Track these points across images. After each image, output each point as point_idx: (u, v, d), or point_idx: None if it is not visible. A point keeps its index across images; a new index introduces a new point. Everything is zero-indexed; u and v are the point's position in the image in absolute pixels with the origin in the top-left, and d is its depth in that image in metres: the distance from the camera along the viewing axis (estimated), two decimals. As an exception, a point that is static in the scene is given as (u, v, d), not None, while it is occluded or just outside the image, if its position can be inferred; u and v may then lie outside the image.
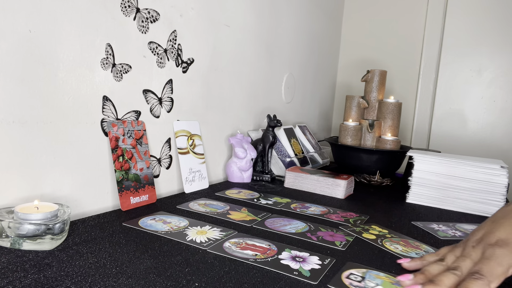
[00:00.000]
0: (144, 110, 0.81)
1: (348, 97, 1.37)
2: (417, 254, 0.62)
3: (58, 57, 0.63)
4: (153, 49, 0.81)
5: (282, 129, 1.26)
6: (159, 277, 0.48)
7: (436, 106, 1.69)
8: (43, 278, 0.45)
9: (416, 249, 0.64)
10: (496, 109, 1.59)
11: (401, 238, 0.70)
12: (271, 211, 0.80)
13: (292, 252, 0.58)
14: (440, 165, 0.95)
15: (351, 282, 0.50)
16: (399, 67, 1.73)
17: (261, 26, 1.19)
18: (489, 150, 1.60)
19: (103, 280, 0.46)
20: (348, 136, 1.31)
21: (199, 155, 0.95)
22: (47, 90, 0.62)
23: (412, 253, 0.63)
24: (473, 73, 1.61)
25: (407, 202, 0.98)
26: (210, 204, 0.81)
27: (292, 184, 1.04)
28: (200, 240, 0.60)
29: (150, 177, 0.80)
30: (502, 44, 1.55)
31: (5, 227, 0.52)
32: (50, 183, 0.64)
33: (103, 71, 0.71)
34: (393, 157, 1.26)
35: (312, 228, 0.71)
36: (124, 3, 0.73)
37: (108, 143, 0.73)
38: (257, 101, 1.23)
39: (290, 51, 1.39)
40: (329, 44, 1.76)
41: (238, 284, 0.48)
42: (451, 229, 0.78)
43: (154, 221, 0.68)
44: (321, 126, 1.79)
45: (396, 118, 1.30)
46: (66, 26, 0.63)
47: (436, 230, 0.76)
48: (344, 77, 1.89)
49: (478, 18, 1.58)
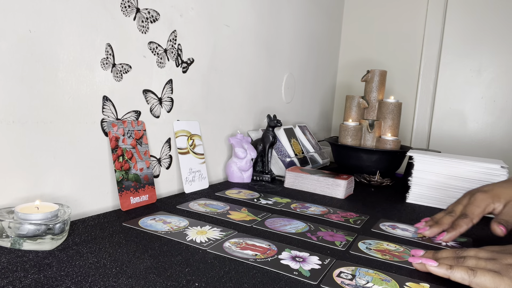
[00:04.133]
0: (144, 110, 0.81)
1: (348, 97, 1.37)
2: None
3: (58, 57, 0.63)
4: (153, 49, 0.81)
5: (282, 129, 1.26)
6: (159, 277, 0.48)
7: (436, 106, 1.69)
8: (43, 278, 0.45)
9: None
10: (496, 109, 1.59)
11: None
12: (271, 211, 0.80)
13: (292, 252, 0.59)
14: (440, 165, 0.95)
15: (343, 281, 0.51)
16: (399, 67, 1.73)
17: (261, 26, 1.19)
18: (489, 150, 1.60)
19: (103, 280, 0.46)
20: (348, 136, 1.31)
21: (199, 155, 0.95)
22: (47, 90, 0.62)
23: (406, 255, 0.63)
24: (473, 73, 1.61)
25: (407, 202, 0.98)
26: (210, 204, 0.81)
27: (292, 184, 1.04)
28: (200, 240, 0.60)
29: (150, 177, 0.80)
30: (502, 44, 1.55)
31: (5, 227, 0.52)
32: (50, 183, 0.64)
33: (103, 71, 0.71)
34: (393, 157, 1.26)
35: (312, 228, 0.71)
36: (124, 3, 0.73)
37: (108, 143, 0.73)
38: (257, 101, 1.23)
39: (290, 51, 1.39)
40: (329, 44, 1.76)
41: (238, 284, 0.48)
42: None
43: (154, 221, 0.68)
44: (321, 126, 1.79)
45: (396, 118, 1.31)
46: (66, 26, 0.64)
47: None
48: (344, 77, 1.89)
49: (478, 18, 1.58)
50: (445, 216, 0.72)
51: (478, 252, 0.55)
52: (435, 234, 0.70)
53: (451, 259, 0.54)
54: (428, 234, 0.71)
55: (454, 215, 0.71)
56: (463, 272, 0.51)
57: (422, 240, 0.70)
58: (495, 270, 0.49)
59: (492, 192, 0.71)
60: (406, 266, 0.57)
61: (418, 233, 0.72)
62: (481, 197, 0.70)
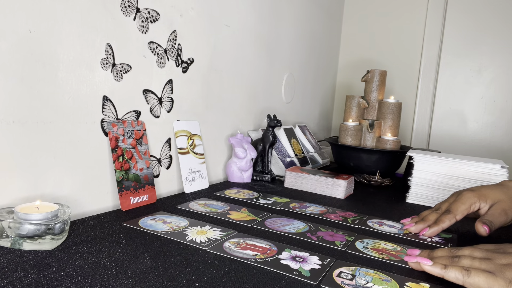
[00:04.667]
0: (144, 110, 0.81)
1: (348, 97, 1.37)
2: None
3: (58, 57, 0.63)
4: (153, 49, 0.81)
5: (282, 129, 1.26)
6: (159, 277, 0.48)
7: (436, 106, 1.69)
8: (43, 278, 0.45)
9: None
10: (496, 109, 1.59)
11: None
12: (270, 211, 0.80)
13: (292, 252, 0.59)
14: (440, 165, 0.95)
15: (343, 281, 0.51)
16: (399, 67, 1.73)
17: (261, 26, 1.19)
18: (489, 150, 1.60)
19: (103, 280, 0.46)
20: (348, 136, 1.31)
21: (199, 155, 0.95)
22: (47, 90, 0.62)
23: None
24: (473, 73, 1.61)
25: (407, 202, 0.98)
26: (210, 204, 0.81)
27: (292, 184, 1.04)
28: (200, 240, 0.60)
29: (150, 177, 0.80)
30: (502, 44, 1.55)
31: (6, 227, 0.52)
32: (50, 183, 0.64)
33: (103, 71, 0.71)
34: (393, 157, 1.26)
35: (312, 228, 0.71)
36: (124, 3, 0.73)
37: (108, 143, 0.73)
38: (257, 101, 1.23)
39: (290, 51, 1.39)
40: (329, 44, 1.76)
41: (238, 284, 0.48)
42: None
43: (154, 221, 0.68)
44: (321, 126, 1.79)
45: (396, 118, 1.30)
46: (66, 26, 0.64)
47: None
48: (344, 77, 1.89)
49: (478, 18, 1.58)
50: (431, 213, 0.74)
51: (473, 251, 0.55)
52: (420, 230, 0.72)
53: (446, 259, 0.54)
54: (413, 230, 0.73)
55: (439, 212, 0.73)
56: (457, 272, 0.51)
57: (408, 236, 0.71)
58: (489, 271, 0.49)
59: (480, 192, 0.72)
60: (406, 266, 0.57)
61: (404, 229, 0.74)
62: (468, 195, 0.71)
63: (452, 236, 0.73)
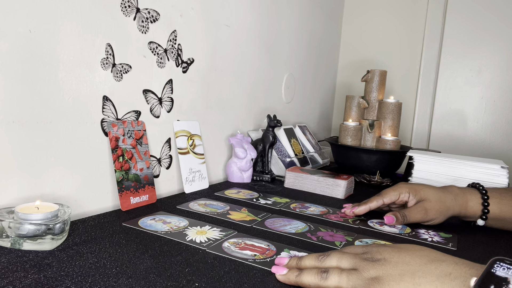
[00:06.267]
0: (144, 110, 0.81)
1: (348, 97, 1.37)
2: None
3: (58, 57, 0.63)
4: (153, 49, 0.81)
5: (282, 129, 1.26)
6: (159, 277, 0.48)
7: (436, 106, 1.69)
8: (43, 278, 0.45)
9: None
10: (496, 109, 1.59)
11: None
12: (270, 211, 0.80)
13: (291, 252, 0.59)
14: (440, 165, 0.95)
15: None
16: (399, 67, 1.73)
17: (261, 26, 1.19)
18: (489, 150, 1.60)
19: (103, 280, 0.46)
20: (348, 136, 1.31)
21: (199, 155, 0.95)
22: (47, 90, 0.62)
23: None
24: (473, 73, 1.61)
25: (407, 202, 0.98)
26: (210, 204, 0.81)
27: (292, 184, 1.04)
28: (200, 240, 0.60)
29: (150, 177, 0.80)
30: (502, 44, 1.55)
31: (6, 227, 0.52)
32: (50, 183, 0.64)
33: (103, 71, 0.71)
34: (393, 157, 1.26)
35: (312, 228, 0.71)
36: (124, 3, 0.73)
37: (108, 143, 0.73)
38: (257, 101, 1.23)
39: (290, 51, 1.39)
40: (329, 44, 1.76)
41: (238, 284, 0.48)
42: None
43: (154, 221, 0.68)
44: (321, 126, 1.79)
45: (396, 118, 1.30)
46: (66, 26, 0.64)
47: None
48: (344, 77, 1.89)
49: (478, 18, 1.58)
50: (371, 198, 0.80)
51: (341, 260, 0.48)
52: (349, 208, 0.80)
53: (314, 273, 0.48)
54: (344, 210, 0.81)
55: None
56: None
57: (409, 236, 0.71)
58: None
59: (413, 187, 0.77)
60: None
61: (342, 211, 0.82)
62: (401, 185, 0.78)
63: (452, 236, 0.73)
